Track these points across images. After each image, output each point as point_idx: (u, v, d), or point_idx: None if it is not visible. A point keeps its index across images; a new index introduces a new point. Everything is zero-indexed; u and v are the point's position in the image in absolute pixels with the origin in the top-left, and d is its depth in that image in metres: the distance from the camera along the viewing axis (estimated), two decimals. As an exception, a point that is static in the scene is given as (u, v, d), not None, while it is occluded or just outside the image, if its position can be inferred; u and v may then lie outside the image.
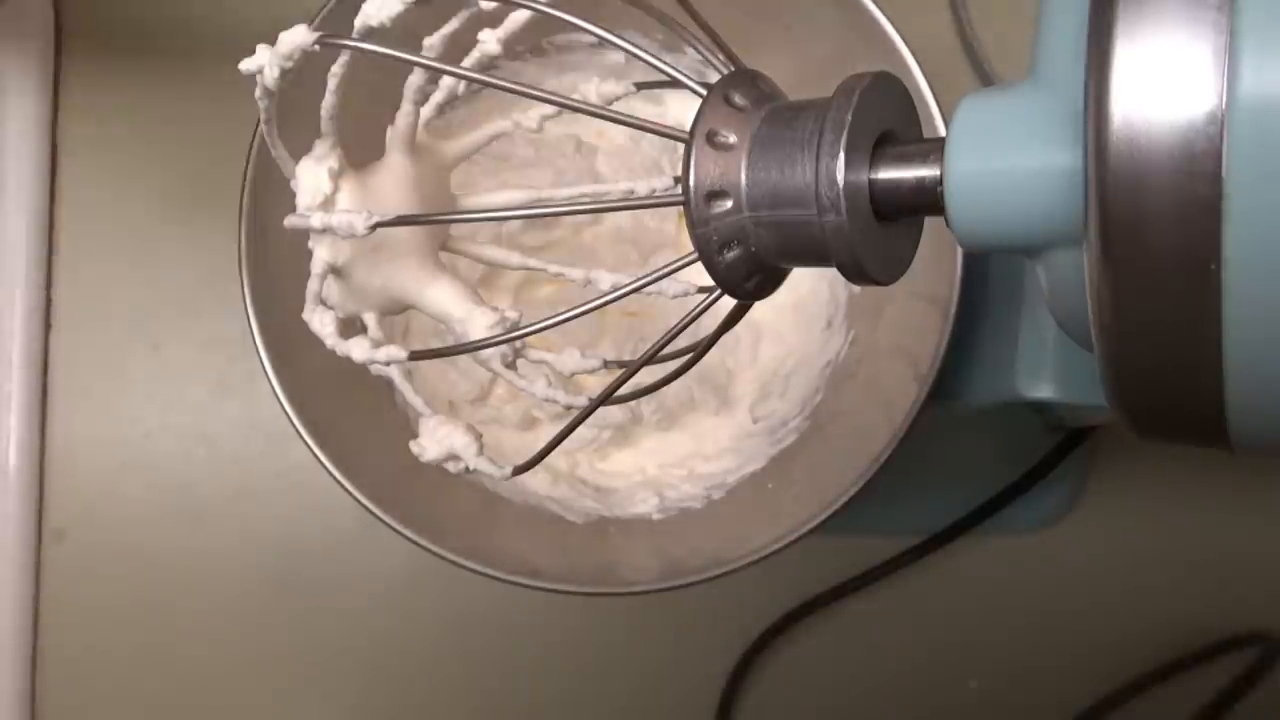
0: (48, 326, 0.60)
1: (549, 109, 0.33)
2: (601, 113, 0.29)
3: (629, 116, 0.28)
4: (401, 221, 0.30)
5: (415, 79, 0.32)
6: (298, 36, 0.29)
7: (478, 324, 0.31)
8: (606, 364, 0.31)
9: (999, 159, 0.24)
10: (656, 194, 0.31)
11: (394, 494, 0.43)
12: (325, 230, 0.30)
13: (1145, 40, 0.20)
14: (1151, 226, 0.20)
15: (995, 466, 0.53)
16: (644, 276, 0.28)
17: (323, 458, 0.43)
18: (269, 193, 0.43)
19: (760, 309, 0.31)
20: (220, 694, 0.58)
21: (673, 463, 0.51)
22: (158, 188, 0.61)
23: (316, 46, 0.29)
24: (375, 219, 0.29)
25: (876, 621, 0.55)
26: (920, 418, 0.41)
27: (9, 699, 0.58)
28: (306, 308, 0.32)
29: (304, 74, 0.30)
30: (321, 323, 0.32)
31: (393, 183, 0.32)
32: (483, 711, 0.58)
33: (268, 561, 0.58)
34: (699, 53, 0.30)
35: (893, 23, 0.42)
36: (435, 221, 0.33)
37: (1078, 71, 0.21)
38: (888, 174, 0.25)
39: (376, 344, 0.31)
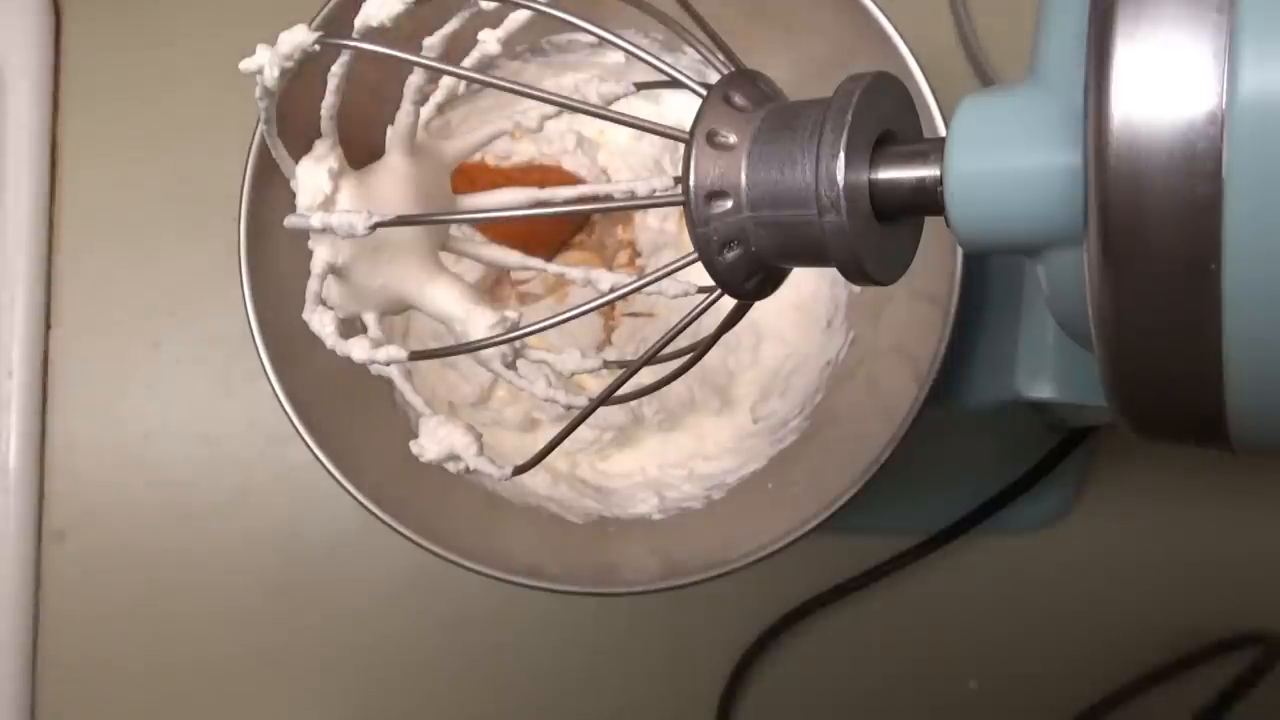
0: (48, 326, 0.60)
1: (549, 108, 0.33)
2: (601, 113, 0.29)
3: (629, 116, 0.28)
4: (402, 221, 0.30)
5: (415, 79, 0.32)
6: (297, 36, 0.29)
7: (478, 324, 0.31)
8: (607, 364, 0.31)
9: (999, 159, 0.24)
10: (657, 194, 0.32)
11: (394, 494, 0.43)
12: (325, 230, 0.30)
13: (1145, 40, 0.20)
14: (1151, 226, 0.20)
15: (995, 466, 0.53)
16: (644, 277, 0.28)
17: (323, 458, 0.43)
18: (269, 192, 0.43)
19: (761, 309, 0.31)
20: (220, 694, 0.58)
21: (673, 463, 0.50)
22: (158, 187, 0.61)
23: (316, 46, 0.29)
24: (375, 219, 0.29)
25: (876, 621, 0.55)
26: (920, 418, 0.41)
27: (9, 699, 0.58)
28: (306, 308, 0.32)
29: (304, 73, 0.30)
30: (321, 323, 0.32)
31: (392, 182, 0.32)
32: (483, 711, 0.58)
33: (268, 562, 0.58)
34: (699, 53, 0.30)
35: (893, 23, 0.42)
36: (435, 221, 0.33)
37: (1078, 71, 0.21)
38: (888, 174, 0.25)
39: (376, 344, 0.31)
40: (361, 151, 0.33)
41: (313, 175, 0.31)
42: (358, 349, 0.31)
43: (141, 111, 0.61)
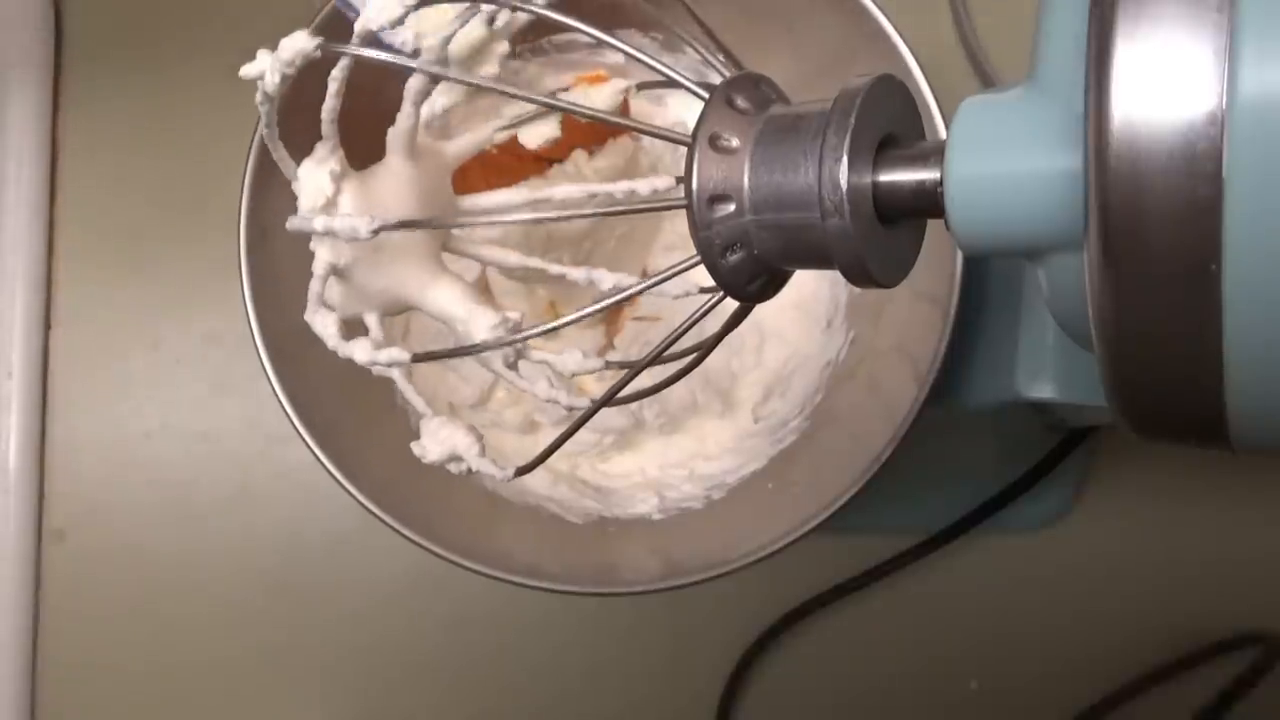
0: (48, 326, 0.60)
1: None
2: (602, 116, 0.29)
3: (631, 120, 0.28)
4: (405, 225, 0.30)
5: (415, 81, 0.32)
6: (299, 42, 0.29)
7: (480, 324, 0.31)
8: (609, 365, 0.31)
9: (999, 162, 0.24)
10: (659, 195, 0.31)
11: (394, 494, 0.43)
12: (328, 234, 0.30)
13: (1145, 40, 0.20)
14: (1151, 227, 0.20)
15: (995, 466, 0.53)
16: (646, 281, 0.28)
17: (323, 458, 0.43)
18: (269, 193, 0.43)
19: (762, 310, 0.31)
20: (220, 694, 0.58)
21: (674, 463, 0.51)
22: (158, 187, 0.61)
23: (318, 52, 0.29)
24: (378, 223, 0.29)
25: (876, 621, 0.55)
26: (920, 418, 0.41)
27: (9, 698, 0.58)
28: (309, 309, 0.32)
29: (304, 77, 0.29)
30: (324, 324, 0.32)
31: (394, 184, 0.32)
32: (483, 711, 0.58)
33: (268, 561, 0.58)
34: (699, 53, 0.30)
35: (893, 23, 0.42)
36: (438, 226, 0.33)
37: (1078, 73, 0.21)
38: (890, 177, 0.25)
39: (379, 345, 0.31)
40: (363, 153, 0.33)
41: (314, 177, 0.31)
42: (360, 351, 0.31)
43: (141, 111, 0.61)
